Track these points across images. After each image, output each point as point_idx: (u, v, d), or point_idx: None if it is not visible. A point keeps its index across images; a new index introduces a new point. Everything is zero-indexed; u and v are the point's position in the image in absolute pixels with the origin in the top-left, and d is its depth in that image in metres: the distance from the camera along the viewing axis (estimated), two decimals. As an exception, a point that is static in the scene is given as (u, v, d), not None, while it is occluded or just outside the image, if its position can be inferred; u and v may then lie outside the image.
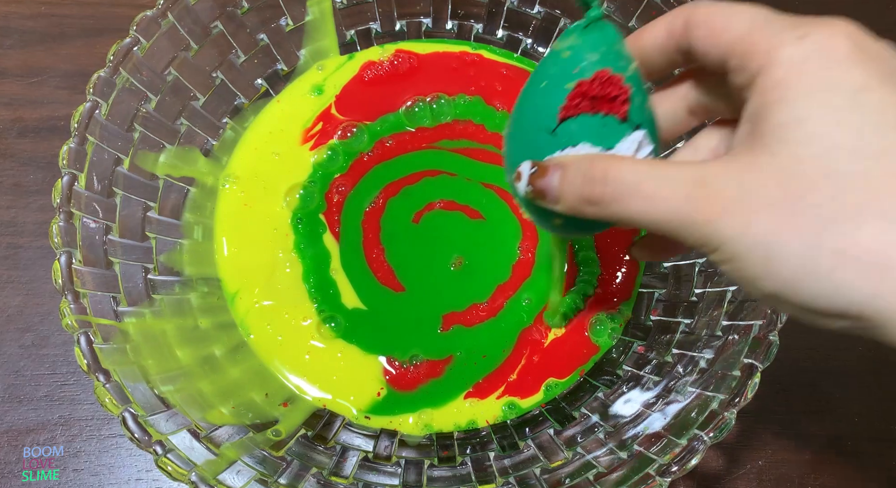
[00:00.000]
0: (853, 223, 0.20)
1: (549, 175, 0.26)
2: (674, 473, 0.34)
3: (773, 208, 0.21)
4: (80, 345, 0.34)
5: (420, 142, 0.47)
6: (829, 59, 0.21)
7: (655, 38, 0.27)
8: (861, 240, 0.20)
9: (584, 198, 0.25)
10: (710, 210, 0.22)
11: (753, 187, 0.21)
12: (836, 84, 0.21)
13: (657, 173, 0.23)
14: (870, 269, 0.20)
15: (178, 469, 0.33)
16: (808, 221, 0.21)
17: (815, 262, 0.21)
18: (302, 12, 0.46)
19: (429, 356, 0.43)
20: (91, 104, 0.38)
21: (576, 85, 0.25)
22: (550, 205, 0.26)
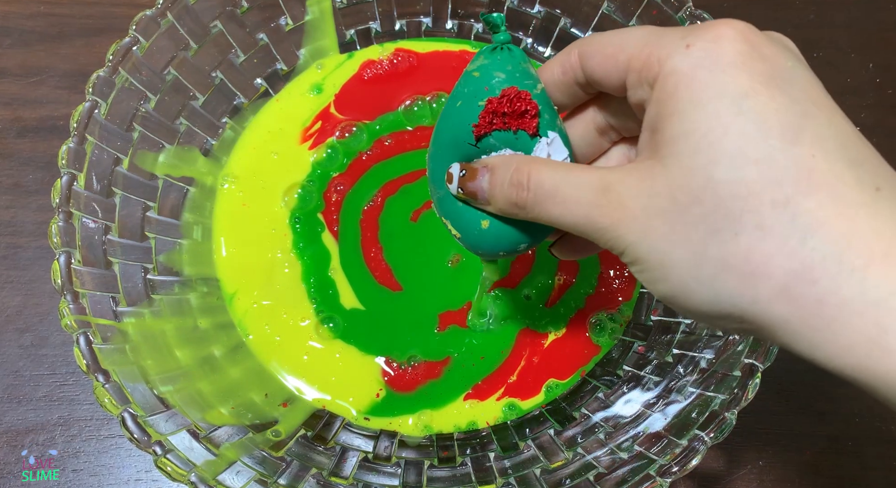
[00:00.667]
0: (731, 233, 0.21)
1: (479, 178, 0.27)
2: (674, 473, 0.34)
3: (664, 217, 0.22)
4: (79, 345, 0.34)
5: (419, 141, 0.47)
6: (715, 66, 0.22)
7: (553, 76, 0.28)
8: (739, 250, 0.21)
9: (511, 203, 0.26)
10: (612, 216, 0.23)
11: (648, 195, 0.22)
12: (721, 91, 0.21)
13: (570, 179, 0.24)
14: (747, 277, 0.21)
15: (178, 469, 0.33)
16: (693, 231, 0.21)
17: (700, 270, 0.22)
18: (301, 12, 0.46)
19: (426, 357, 0.42)
20: (90, 104, 0.38)
21: (486, 103, 0.27)
22: (482, 205, 0.28)
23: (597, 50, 0.26)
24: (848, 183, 0.20)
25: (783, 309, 0.21)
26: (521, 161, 0.26)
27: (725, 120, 0.21)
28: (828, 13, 0.55)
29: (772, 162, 0.20)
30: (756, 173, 0.21)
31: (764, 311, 0.21)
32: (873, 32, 0.55)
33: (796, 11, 0.55)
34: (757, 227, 0.21)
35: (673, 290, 0.23)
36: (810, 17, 0.55)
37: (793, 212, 0.20)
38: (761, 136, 0.21)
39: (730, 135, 0.21)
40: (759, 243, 0.21)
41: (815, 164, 0.20)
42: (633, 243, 0.23)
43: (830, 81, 0.60)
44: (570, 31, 0.47)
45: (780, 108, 0.21)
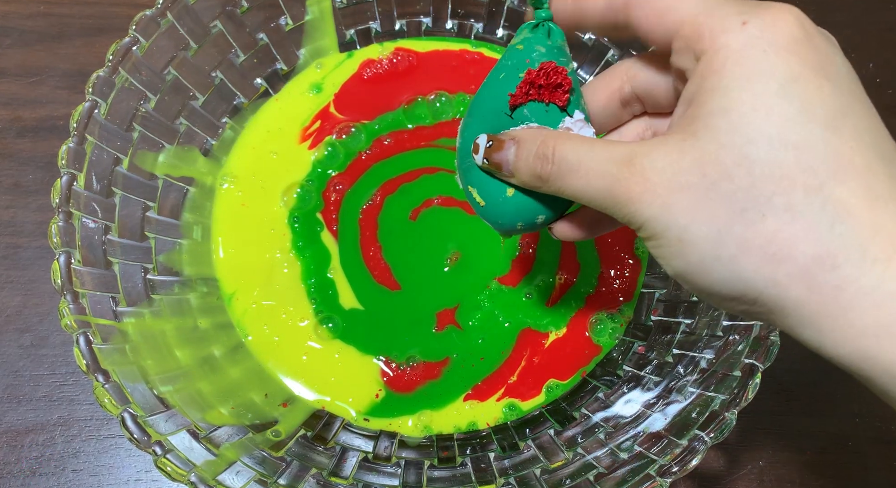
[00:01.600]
0: (759, 213, 0.21)
1: (505, 149, 0.27)
2: (674, 474, 0.34)
3: (689, 192, 0.22)
4: (79, 345, 0.34)
5: (419, 140, 0.47)
6: (767, 47, 0.21)
7: (595, 7, 0.27)
8: (764, 231, 0.21)
9: (535, 175, 0.26)
10: (633, 189, 0.23)
11: (675, 170, 0.22)
12: (769, 73, 0.21)
13: (594, 152, 0.24)
14: (769, 259, 0.21)
15: (178, 469, 0.33)
16: (720, 208, 0.21)
17: (721, 247, 0.21)
18: (301, 12, 0.46)
19: (425, 357, 0.42)
20: (90, 104, 0.38)
21: (525, 74, 0.27)
22: (506, 177, 0.27)
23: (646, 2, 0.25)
24: (880, 176, 0.21)
25: (800, 292, 0.21)
26: (547, 134, 0.26)
27: (770, 101, 0.21)
28: (828, 13, 0.55)
29: (810, 147, 0.21)
30: (793, 157, 0.21)
31: (781, 294, 0.21)
32: (873, 32, 0.55)
33: (796, 11, 0.55)
34: (786, 210, 0.21)
35: (689, 267, 0.23)
36: (810, 17, 0.55)
37: (824, 198, 0.20)
38: (804, 122, 0.21)
39: (773, 116, 0.21)
40: (787, 226, 0.21)
41: (851, 155, 0.21)
42: (652, 217, 0.23)
43: (830, 81, 0.59)
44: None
45: (825, 98, 0.21)
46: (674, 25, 0.24)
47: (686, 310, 0.41)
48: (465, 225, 0.45)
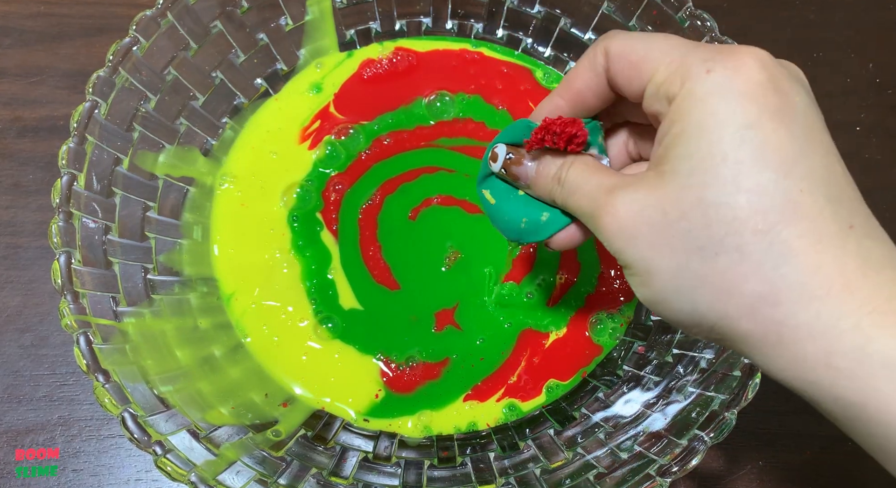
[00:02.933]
0: (713, 252, 0.23)
1: (524, 166, 0.30)
2: (674, 473, 0.34)
3: (652, 228, 0.24)
4: (79, 345, 0.34)
5: (419, 140, 0.47)
6: (727, 94, 0.23)
7: (584, 80, 0.29)
8: (717, 268, 0.23)
9: (549, 193, 0.29)
10: (606, 219, 0.25)
11: (641, 206, 0.24)
12: (728, 120, 0.23)
13: (591, 177, 0.27)
14: (721, 294, 0.23)
15: (178, 469, 0.33)
16: (679, 244, 0.23)
17: (680, 281, 0.24)
18: (301, 12, 0.46)
19: (425, 358, 0.42)
20: (90, 104, 0.38)
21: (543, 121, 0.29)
22: (521, 185, 0.31)
23: (622, 54, 0.27)
24: (826, 218, 0.22)
25: (748, 325, 0.23)
26: (567, 157, 0.29)
27: (726, 147, 0.22)
28: (828, 13, 0.55)
29: (763, 192, 0.22)
30: (745, 201, 0.22)
31: (732, 326, 0.23)
32: (873, 32, 0.55)
33: (796, 11, 0.55)
34: (736, 250, 0.22)
35: (654, 296, 0.25)
36: (810, 17, 0.55)
37: (772, 240, 0.22)
38: (757, 168, 0.22)
39: (727, 162, 0.22)
40: (736, 265, 0.22)
41: (801, 198, 0.22)
42: (621, 248, 0.25)
43: (830, 81, 0.60)
44: (570, 31, 0.47)
45: (780, 143, 0.22)
46: (648, 73, 0.25)
47: (686, 310, 0.41)
48: (465, 224, 0.45)
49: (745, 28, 0.54)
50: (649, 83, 0.25)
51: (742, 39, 0.40)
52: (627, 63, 0.26)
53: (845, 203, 0.23)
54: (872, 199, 0.56)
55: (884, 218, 0.50)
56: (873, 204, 0.25)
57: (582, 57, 0.29)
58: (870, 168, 0.51)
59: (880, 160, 0.51)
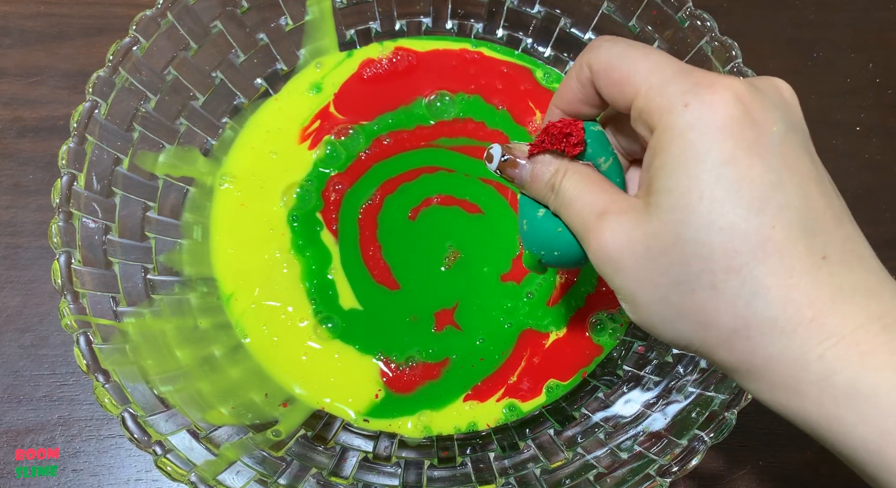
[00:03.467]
0: (690, 287, 0.24)
1: (519, 168, 0.30)
2: (674, 473, 0.34)
3: (636, 259, 0.25)
4: (79, 345, 0.34)
5: (419, 140, 0.47)
6: (706, 129, 0.23)
7: (572, 91, 0.29)
8: (694, 302, 0.24)
9: (542, 197, 0.30)
10: (594, 244, 0.26)
11: (628, 238, 0.25)
12: (704, 156, 0.23)
13: (585, 194, 0.27)
14: (700, 325, 0.24)
15: (178, 469, 0.33)
16: (660, 278, 0.24)
17: (663, 311, 0.25)
18: (301, 12, 0.46)
19: (424, 358, 0.42)
20: (90, 104, 0.38)
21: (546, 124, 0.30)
22: (516, 185, 0.31)
23: (604, 71, 0.27)
24: (798, 253, 0.23)
25: (724, 354, 0.24)
26: (560, 163, 0.29)
27: (703, 185, 0.23)
28: (828, 13, 0.55)
29: (734, 231, 0.23)
30: (719, 239, 0.23)
31: (711, 352, 0.25)
32: (873, 32, 0.55)
33: (796, 11, 0.55)
34: (710, 287, 0.23)
35: (642, 322, 0.26)
36: (810, 17, 0.55)
37: (744, 278, 0.23)
38: (731, 205, 0.23)
39: (704, 200, 0.23)
40: (711, 300, 0.24)
41: (772, 234, 0.23)
42: (608, 275, 0.26)
43: (830, 81, 0.60)
44: (570, 31, 0.47)
45: (754, 178, 0.23)
46: (630, 95, 0.26)
47: (686, 310, 0.41)
48: (465, 224, 0.45)
49: (746, 28, 0.54)
50: (632, 107, 0.26)
51: (742, 39, 0.40)
52: (610, 80, 0.27)
53: (819, 233, 0.23)
54: (873, 199, 0.56)
55: (884, 218, 0.50)
56: (873, 204, 0.25)
57: (570, 68, 0.30)
58: (870, 168, 0.51)
59: (880, 160, 0.51)
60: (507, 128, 0.47)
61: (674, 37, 0.42)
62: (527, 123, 0.47)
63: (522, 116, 0.47)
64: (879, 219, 0.49)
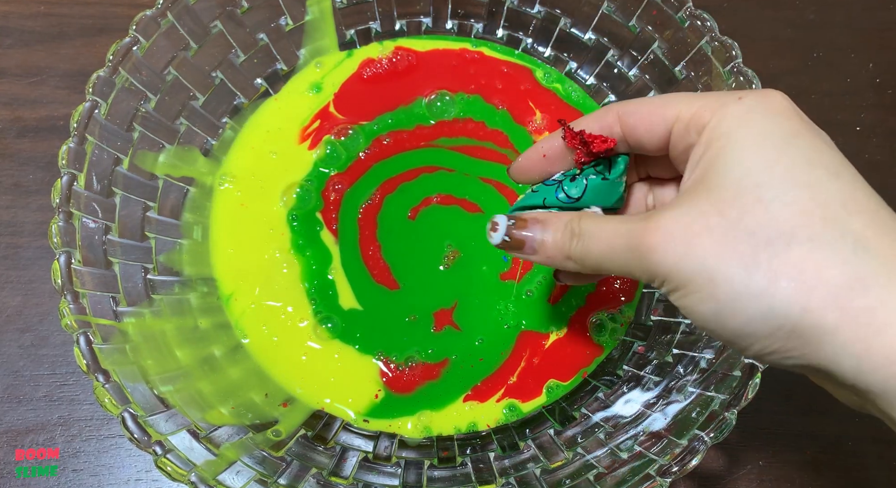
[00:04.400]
0: (785, 244, 0.22)
1: (529, 228, 0.29)
2: (674, 473, 0.34)
3: (710, 233, 0.23)
4: (79, 345, 0.34)
5: (418, 140, 0.47)
6: (766, 112, 0.24)
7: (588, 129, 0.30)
8: (791, 260, 0.22)
9: (564, 253, 0.28)
10: (651, 240, 0.24)
11: (693, 217, 0.24)
12: (771, 130, 0.24)
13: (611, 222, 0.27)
14: (800, 287, 0.22)
15: (178, 469, 0.33)
16: (744, 243, 0.22)
17: (751, 280, 0.22)
18: (301, 12, 0.46)
19: (424, 358, 0.42)
20: (90, 104, 0.38)
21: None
22: (526, 255, 0.30)
23: (640, 108, 0.28)
24: (884, 216, 0.23)
25: (835, 317, 0.21)
26: (573, 215, 0.28)
27: (777, 153, 0.23)
28: (828, 13, 0.55)
29: (820, 187, 0.23)
30: (807, 195, 0.22)
31: (816, 320, 0.22)
32: (873, 32, 0.55)
33: (796, 11, 0.55)
34: (809, 239, 0.22)
35: (720, 308, 0.23)
36: (810, 17, 0.55)
37: (843, 228, 0.22)
38: (810, 168, 0.23)
39: (781, 164, 0.23)
40: (813, 253, 0.22)
41: (855, 195, 0.23)
42: (674, 265, 0.23)
43: (830, 81, 0.60)
44: (570, 31, 0.47)
45: (822, 150, 0.24)
46: (672, 117, 0.27)
47: (686, 310, 0.41)
48: (465, 223, 0.45)
49: (745, 28, 0.54)
50: (676, 122, 0.26)
51: (742, 39, 0.40)
52: (648, 112, 0.27)
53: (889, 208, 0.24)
54: (872, 199, 0.55)
55: (884, 218, 0.49)
56: (873, 204, 0.25)
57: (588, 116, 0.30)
58: (870, 168, 0.50)
59: (880, 160, 0.51)
60: (507, 128, 0.47)
61: (674, 37, 0.42)
62: (527, 123, 0.47)
63: (522, 116, 0.47)
64: (879, 219, 0.49)
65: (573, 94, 0.48)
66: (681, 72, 0.43)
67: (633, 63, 0.46)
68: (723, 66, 0.40)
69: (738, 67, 0.39)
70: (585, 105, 0.48)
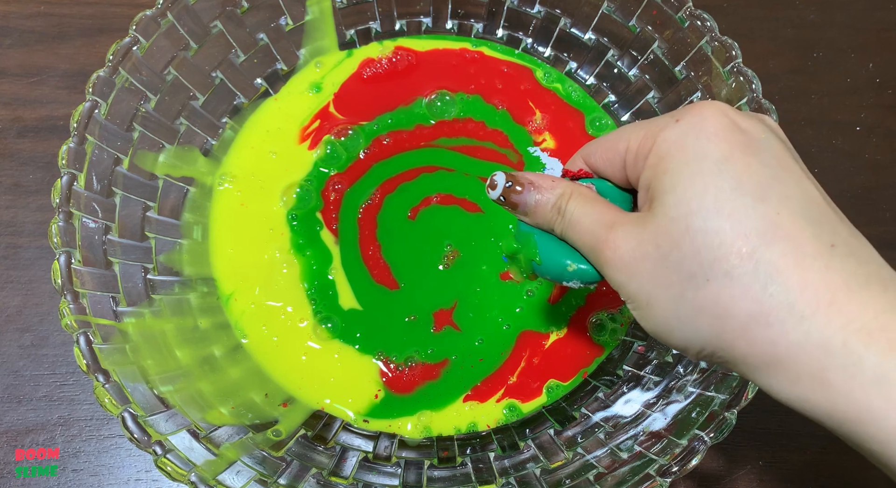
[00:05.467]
0: (704, 278, 0.24)
1: (525, 193, 0.30)
2: (674, 473, 0.34)
3: (648, 261, 0.25)
4: (79, 345, 0.34)
5: (418, 140, 0.47)
6: (699, 135, 0.25)
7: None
8: (709, 294, 0.24)
9: (548, 223, 0.30)
10: (607, 253, 0.26)
11: (638, 241, 0.25)
12: (704, 155, 0.24)
13: (592, 211, 0.28)
14: (716, 318, 0.24)
15: (178, 469, 0.33)
16: (673, 275, 0.24)
17: (679, 310, 0.25)
18: (301, 12, 0.46)
19: (423, 358, 0.42)
20: (90, 104, 0.38)
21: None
22: (519, 216, 0.31)
23: (598, 148, 0.30)
24: (806, 238, 0.23)
25: (743, 346, 0.24)
26: (564, 188, 0.29)
27: (707, 178, 0.24)
28: (828, 13, 0.55)
29: (742, 216, 0.23)
30: (728, 225, 0.23)
31: (729, 349, 0.24)
32: (873, 32, 0.55)
33: (796, 11, 0.55)
34: (725, 275, 0.23)
35: (657, 327, 0.26)
36: (810, 17, 0.55)
37: (756, 261, 0.23)
38: (735, 194, 0.23)
39: (709, 190, 0.24)
40: (726, 288, 0.23)
41: (779, 220, 0.23)
42: (623, 282, 0.26)
43: (830, 81, 0.60)
44: (570, 31, 0.47)
45: (752, 172, 0.24)
46: (623, 148, 0.28)
47: (686, 310, 0.41)
48: (464, 223, 0.45)
49: (745, 28, 0.54)
50: (627, 154, 0.28)
51: (742, 39, 0.41)
52: (604, 150, 0.29)
53: (825, 224, 0.24)
54: (873, 199, 0.56)
55: (884, 218, 0.50)
56: (873, 203, 0.25)
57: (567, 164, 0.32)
58: (870, 168, 0.51)
59: (880, 160, 0.51)
60: (507, 127, 0.47)
61: (674, 37, 0.42)
62: (527, 123, 0.47)
63: (522, 116, 0.47)
64: (879, 219, 0.49)
65: (573, 94, 0.48)
66: (681, 72, 0.43)
67: (633, 63, 0.46)
68: (723, 66, 0.40)
69: (738, 67, 0.39)
70: (585, 105, 0.48)
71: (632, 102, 0.47)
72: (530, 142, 0.46)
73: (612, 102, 0.48)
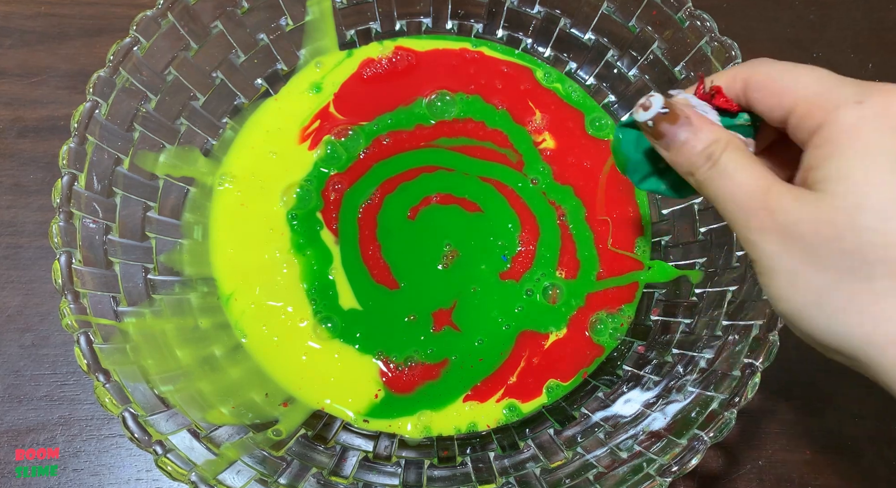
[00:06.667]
0: (866, 275, 0.23)
1: (679, 125, 0.27)
2: (674, 473, 0.34)
3: (804, 242, 0.24)
4: (79, 344, 0.34)
5: (418, 140, 0.47)
6: (880, 125, 0.23)
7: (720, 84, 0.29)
8: (869, 291, 0.23)
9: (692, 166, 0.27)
10: (763, 220, 0.25)
11: (796, 218, 0.24)
12: (880, 149, 0.23)
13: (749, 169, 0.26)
14: (869, 318, 0.23)
15: (178, 469, 0.33)
16: (831, 263, 0.23)
17: (827, 300, 0.23)
18: (302, 12, 0.46)
19: (423, 358, 0.42)
20: (91, 104, 0.38)
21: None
22: (660, 148, 0.28)
23: (764, 84, 0.27)
24: None
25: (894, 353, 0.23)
26: (721, 135, 0.27)
27: (881, 174, 0.23)
28: (828, 13, 0.55)
29: None
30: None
31: (878, 354, 0.23)
32: (873, 32, 0.55)
33: (796, 11, 0.55)
34: (889, 277, 0.22)
35: (793, 311, 0.25)
36: (810, 17, 0.55)
37: None
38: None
39: (882, 188, 0.23)
40: (887, 291, 0.22)
41: None
42: (773, 253, 0.25)
43: (830, 81, 0.58)
44: (569, 31, 0.47)
45: None
46: (789, 106, 0.26)
47: (685, 310, 0.41)
48: (464, 223, 0.45)
49: (745, 28, 0.54)
50: (791, 114, 0.26)
51: (742, 39, 0.40)
52: (769, 93, 0.27)
53: None
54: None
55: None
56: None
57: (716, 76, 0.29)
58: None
59: (880, 160, 0.51)
60: (507, 127, 0.47)
61: (674, 37, 0.42)
62: (526, 123, 0.47)
63: (522, 116, 0.47)
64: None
65: (573, 94, 0.48)
66: (680, 72, 0.43)
67: (633, 63, 0.46)
68: (723, 66, 0.40)
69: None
70: (585, 105, 0.48)
71: (632, 103, 0.47)
72: (530, 142, 0.46)
73: (611, 102, 0.48)
